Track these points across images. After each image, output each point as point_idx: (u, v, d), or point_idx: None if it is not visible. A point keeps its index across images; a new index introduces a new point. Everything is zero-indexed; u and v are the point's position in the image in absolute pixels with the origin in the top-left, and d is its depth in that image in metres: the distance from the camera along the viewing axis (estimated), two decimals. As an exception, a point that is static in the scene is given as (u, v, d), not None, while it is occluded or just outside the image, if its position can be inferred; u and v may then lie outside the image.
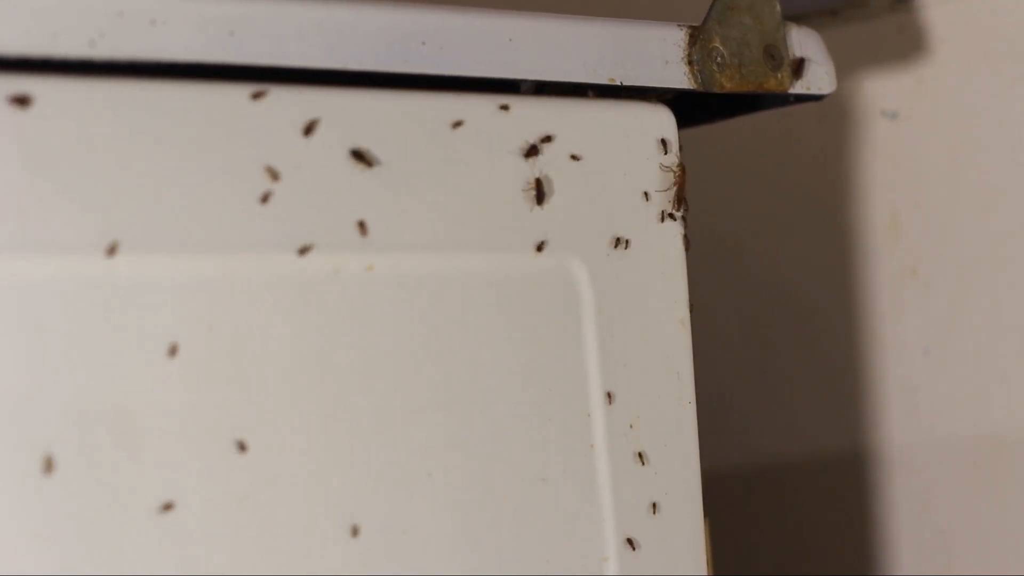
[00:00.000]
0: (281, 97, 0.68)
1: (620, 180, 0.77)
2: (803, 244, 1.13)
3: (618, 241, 0.77)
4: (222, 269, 0.67)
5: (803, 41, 0.82)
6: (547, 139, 0.75)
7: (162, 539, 0.65)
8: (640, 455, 0.77)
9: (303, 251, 0.69)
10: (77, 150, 0.64)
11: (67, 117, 0.63)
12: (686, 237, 0.79)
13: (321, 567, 0.68)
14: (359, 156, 0.70)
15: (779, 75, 0.81)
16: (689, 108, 0.81)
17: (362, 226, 0.70)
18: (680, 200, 0.77)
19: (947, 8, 1.05)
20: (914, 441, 1.08)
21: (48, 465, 0.62)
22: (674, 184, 0.78)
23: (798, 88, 0.82)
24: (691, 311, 0.79)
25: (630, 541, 0.76)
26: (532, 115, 0.75)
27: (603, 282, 0.76)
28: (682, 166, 0.78)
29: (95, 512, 0.64)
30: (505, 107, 0.72)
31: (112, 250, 0.64)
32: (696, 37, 0.79)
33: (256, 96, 0.67)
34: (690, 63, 0.79)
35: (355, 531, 0.69)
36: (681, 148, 0.79)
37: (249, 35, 0.67)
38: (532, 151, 0.74)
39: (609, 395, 0.76)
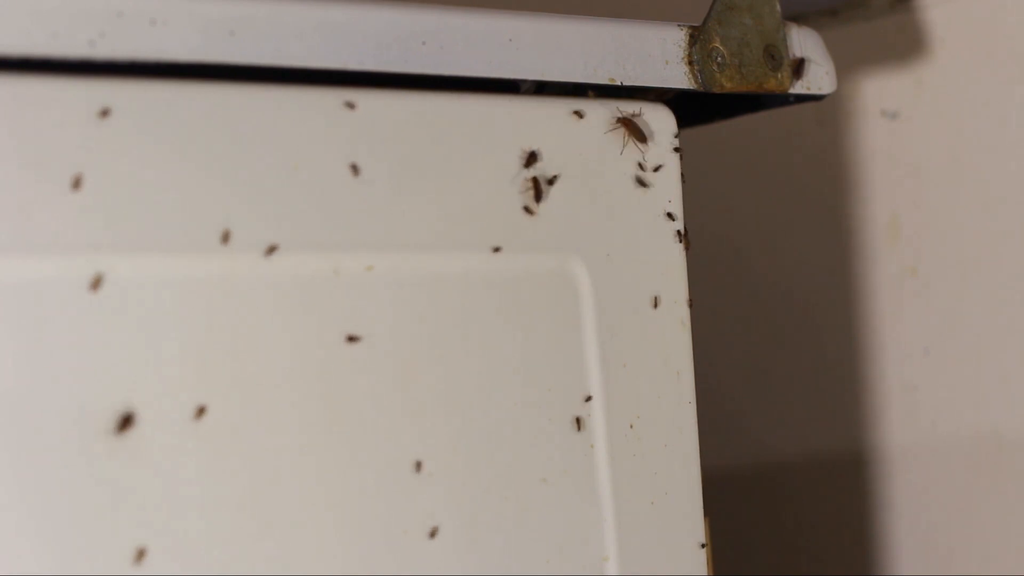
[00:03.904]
0: (281, 97, 0.68)
1: (620, 180, 0.77)
2: (803, 244, 1.13)
3: (617, 241, 0.77)
4: (222, 269, 0.67)
5: (803, 41, 0.82)
6: (533, 156, 0.75)
7: (162, 539, 0.65)
8: (639, 455, 0.77)
9: (306, 251, 0.69)
10: (77, 150, 0.64)
11: (68, 117, 0.63)
12: (686, 237, 0.79)
13: (321, 567, 0.68)
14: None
15: (779, 75, 0.81)
16: (689, 108, 0.81)
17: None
18: (632, 136, 0.77)
19: (947, 8, 1.05)
20: (914, 441, 1.08)
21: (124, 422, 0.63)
22: (626, 134, 0.77)
23: (798, 88, 0.82)
24: (690, 310, 0.79)
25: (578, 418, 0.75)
26: (532, 115, 0.75)
27: (603, 282, 0.76)
28: (624, 120, 0.77)
29: (95, 512, 0.64)
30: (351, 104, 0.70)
31: (112, 250, 0.64)
32: (696, 37, 0.79)
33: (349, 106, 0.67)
34: (690, 63, 0.79)
35: (356, 529, 0.69)
36: (681, 150, 0.79)
37: (249, 35, 0.67)
38: (531, 159, 0.74)
39: (606, 396, 0.76)
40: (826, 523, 1.13)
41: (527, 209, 0.74)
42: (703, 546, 0.79)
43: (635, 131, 0.77)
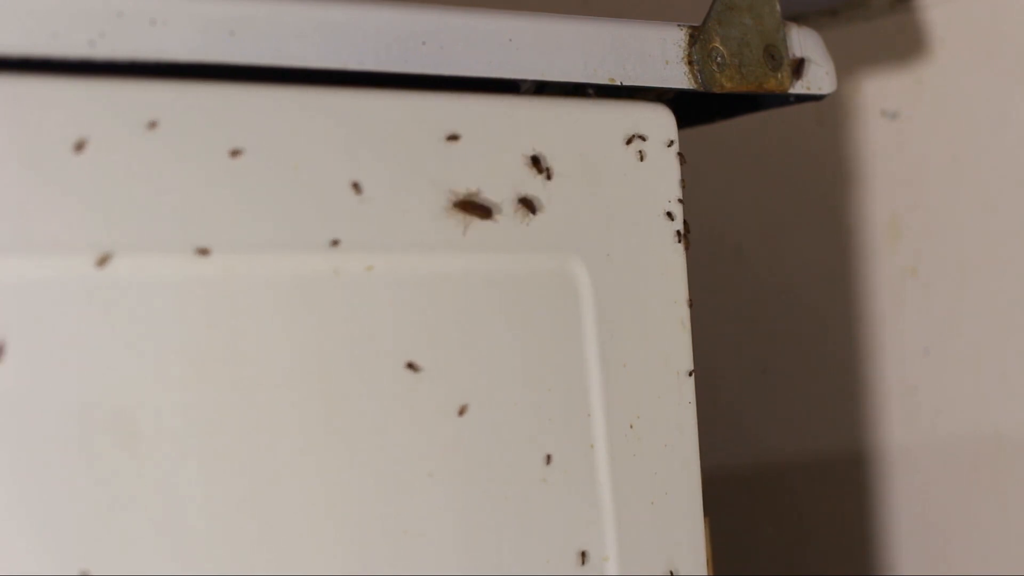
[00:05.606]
0: (281, 97, 0.68)
1: (620, 180, 0.77)
2: (803, 244, 1.13)
3: (617, 241, 0.77)
4: (222, 269, 0.67)
5: (803, 41, 0.82)
6: (537, 160, 0.75)
7: (162, 539, 0.65)
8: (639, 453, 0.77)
9: (305, 251, 0.69)
10: (77, 150, 0.64)
11: (67, 117, 0.63)
12: (686, 237, 0.79)
13: (321, 567, 0.68)
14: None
15: (779, 75, 0.81)
16: (689, 108, 0.81)
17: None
18: None
19: (947, 8, 1.05)
20: (914, 441, 1.08)
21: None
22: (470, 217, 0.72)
23: (798, 88, 0.82)
24: (690, 310, 0.79)
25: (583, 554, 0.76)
26: (532, 115, 0.75)
27: (603, 282, 0.76)
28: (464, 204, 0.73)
29: (95, 512, 0.64)
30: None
31: (111, 250, 0.64)
32: (696, 37, 0.79)
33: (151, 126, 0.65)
34: (690, 63, 0.79)
35: (358, 528, 0.69)
36: (682, 154, 0.79)
37: (249, 35, 0.67)
38: (535, 162, 0.74)
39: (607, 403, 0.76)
40: (826, 523, 1.13)
41: (527, 211, 0.74)
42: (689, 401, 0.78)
43: (480, 211, 0.74)
